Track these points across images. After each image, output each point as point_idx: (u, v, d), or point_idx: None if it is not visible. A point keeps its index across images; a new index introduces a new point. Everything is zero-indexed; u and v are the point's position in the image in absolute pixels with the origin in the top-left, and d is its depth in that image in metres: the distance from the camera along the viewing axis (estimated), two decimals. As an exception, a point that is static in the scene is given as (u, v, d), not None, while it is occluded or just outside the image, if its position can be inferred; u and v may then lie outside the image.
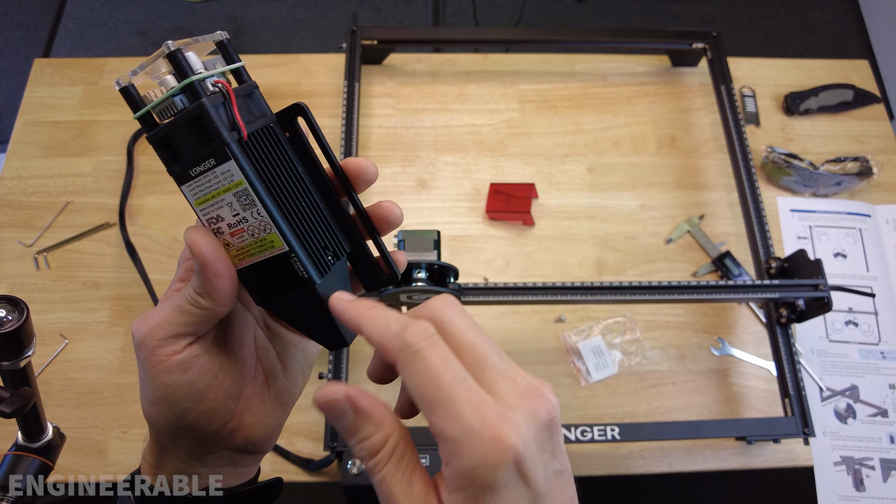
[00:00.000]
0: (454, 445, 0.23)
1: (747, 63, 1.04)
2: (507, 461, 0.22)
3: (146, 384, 0.30)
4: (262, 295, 0.31)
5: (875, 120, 1.00)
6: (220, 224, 0.30)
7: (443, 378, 0.23)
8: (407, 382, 0.24)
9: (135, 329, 0.30)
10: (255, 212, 0.29)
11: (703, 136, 0.98)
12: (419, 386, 0.24)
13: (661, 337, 0.83)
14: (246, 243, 0.30)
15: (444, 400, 0.23)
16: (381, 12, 2.03)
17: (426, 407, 0.24)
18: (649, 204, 0.92)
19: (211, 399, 0.31)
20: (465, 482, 0.23)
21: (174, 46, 0.27)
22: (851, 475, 0.78)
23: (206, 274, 0.28)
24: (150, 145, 0.29)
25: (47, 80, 0.97)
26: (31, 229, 0.86)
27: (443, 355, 0.24)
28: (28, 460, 0.51)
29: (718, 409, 0.80)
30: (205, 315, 0.29)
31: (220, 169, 0.28)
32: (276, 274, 0.30)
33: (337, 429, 0.27)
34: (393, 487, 0.25)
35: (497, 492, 0.23)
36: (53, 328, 0.80)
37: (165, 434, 0.32)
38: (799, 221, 0.93)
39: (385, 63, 1.00)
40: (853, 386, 0.82)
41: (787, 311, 0.79)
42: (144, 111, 0.29)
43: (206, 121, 0.28)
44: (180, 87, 0.28)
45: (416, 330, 0.24)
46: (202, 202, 0.29)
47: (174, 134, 0.29)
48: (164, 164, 0.29)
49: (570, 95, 1.00)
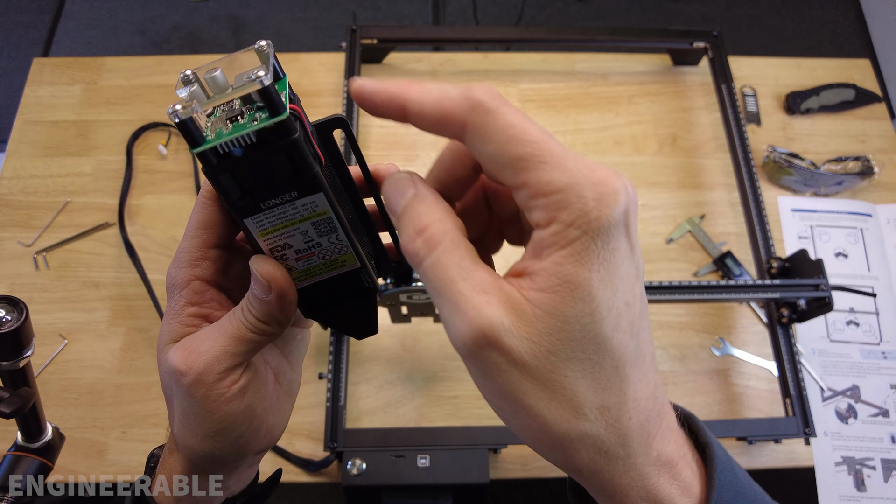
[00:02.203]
0: (563, 195, 0.20)
1: (748, 62, 1.03)
2: (621, 203, 0.20)
3: (200, 420, 0.28)
4: (316, 308, 0.31)
5: (876, 119, 1.00)
6: (287, 251, 0.28)
7: (531, 132, 0.21)
8: (485, 148, 0.21)
9: (185, 366, 0.27)
10: (335, 237, 0.28)
11: (704, 135, 0.98)
12: (503, 145, 0.21)
13: (661, 337, 0.83)
14: (313, 266, 0.29)
15: (542, 152, 0.21)
16: (381, 11, 2.03)
17: (513, 169, 0.21)
18: (650, 203, 0.92)
19: (259, 414, 0.31)
20: (577, 232, 0.20)
21: (268, 80, 0.23)
22: (852, 475, 0.78)
23: (281, 304, 0.28)
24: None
25: (46, 80, 0.97)
26: (30, 229, 0.86)
27: (519, 112, 0.21)
28: (28, 460, 0.51)
29: (719, 410, 0.80)
30: (267, 340, 0.29)
31: (301, 201, 0.26)
32: (339, 288, 0.30)
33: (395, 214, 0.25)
34: (450, 269, 0.22)
35: (609, 239, 0.20)
36: (53, 328, 0.80)
37: (211, 461, 0.31)
38: (800, 221, 0.93)
39: (385, 62, 1.00)
40: (854, 386, 0.82)
41: (788, 311, 0.79)
42: (209, 146, 0.24)
43: (297, 156, 0.25)
44: (273, 121, 0.24)
45: (484, 89, 0.21)
46: (269, 232, 0.27)
47: (248, 169, 0.25)
48: (221, 197, 0.26)
49: (571, 94, 1.00)
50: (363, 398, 0.78)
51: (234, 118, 0.25)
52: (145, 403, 0.77)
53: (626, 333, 0.22)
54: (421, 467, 0.68)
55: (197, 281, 0.30)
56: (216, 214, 0.29)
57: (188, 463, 0.31)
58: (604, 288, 0.21)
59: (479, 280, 0.22)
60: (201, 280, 0.30)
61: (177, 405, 0.29)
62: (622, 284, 0.21)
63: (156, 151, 0.92)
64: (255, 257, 0.28)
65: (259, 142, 0.25)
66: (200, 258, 0.29)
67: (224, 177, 0.25)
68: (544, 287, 0.21)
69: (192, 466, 0.31)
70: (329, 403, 0.71)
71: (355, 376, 0.78)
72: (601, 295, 0.21)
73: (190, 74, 0.25)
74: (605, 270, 0.21)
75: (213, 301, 0.30)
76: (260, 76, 0.23)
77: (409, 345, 0.81)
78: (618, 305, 0.21)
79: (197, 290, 0.30)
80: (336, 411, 0.71)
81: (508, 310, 0.21)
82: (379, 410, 0.77)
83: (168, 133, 0.93)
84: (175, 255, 0.30)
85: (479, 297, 0.21)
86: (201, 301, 0.30)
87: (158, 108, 0.95)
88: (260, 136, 0.24)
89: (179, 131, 0.24)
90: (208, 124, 0.25)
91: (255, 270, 0.27)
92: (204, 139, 0.24)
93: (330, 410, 0.71)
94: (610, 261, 0.21)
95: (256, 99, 0.24)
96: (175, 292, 0.30)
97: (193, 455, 0.30)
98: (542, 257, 0.21)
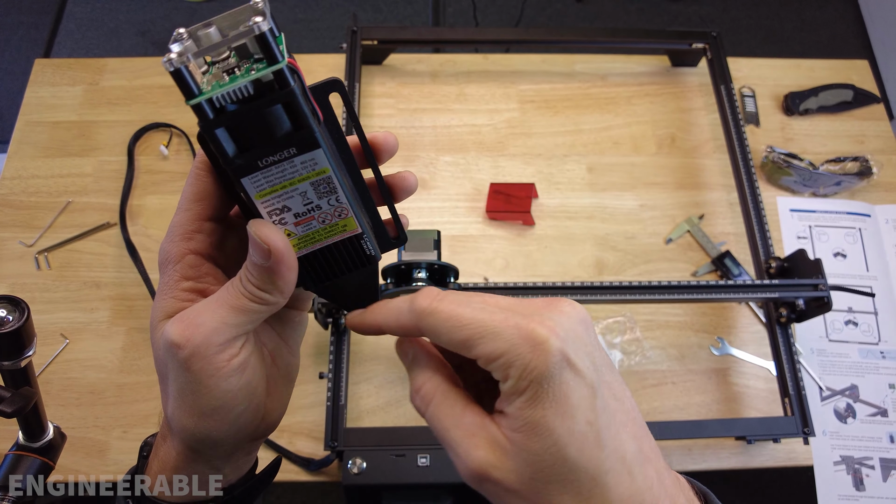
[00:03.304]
0: (506, 358, 0.24)
1: (747, 63, 1.04)
2: (553, 348, 0.24)
3: (197, 397, 0.27)
4: (318, 278, 0.30)
5: (875, 120, 1.00)
6: (285, 215, 0.27)
7: (463, 316, 0.26)
8: (438, 341, 0.26)
9: (182, 339, 0.27)
10: (334, 199, 0.27)
11: (703, 135, 0.98)
12: (448, 335, 0.26)
13: (660, 336, 0.83)
14: (312, 231, 0.28)
15: (477, 331, 0.25)
16: (382, 12, 2.03)
17: (464, 348, 0.26)
18: (649, 204, 0.92)
19: (259, 394, 0.30)
20: (525, 382, 0.24)
21: (266, 26, 0.23)
22: (851, 475, 0.78)
23: (280, 269, 0.27)
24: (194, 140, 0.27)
25: (48, 81, 0.97)
26: (31, 229, 0.86)
27: (455, 301, 0.26)
28: (29, 460, 0.51)
29: (718, 409, 0.80)
30: (267, 311, 0.28)
31: (300, 158, 0.26)
32: (340, 256, 0.30)
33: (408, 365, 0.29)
34: (443, 420, 0.26)
35: (552, 379, 0.24)
36: (54, 328, 0.80)
37: (207, 443, 0.30)
38: (799, 221, 0.93)
39: (385, 63, 1.00)
40: (853, 385, 0.83)
41: (786, 311, 0.79)
42: (206, 97, 0.24)
43: (295, 108, 0.25)
44: (270, 70, 0.24)
45: (422, 296, 0.27)
46: (267, 193, 0.27)
47: (245, 124, 0.25)
48: (216, 155, 0.26)
49: (570, 95, 1.00)
50: (364, 397, 0.78)
51: (231, 71, 0.24)
52: (146, 403, 0.77)
53: (593, 449, 0.24)
54: (421, 466, 0.68)
55: (192, 255, 0.29)
56: (210, 186, 0.29)
57: (183, 447, 0.30)
58: (560, 420, 0.24)
59: (469, 424, 0.26)
60: (196, 254, 0.29)
61: (172, 381, 0.28)
62: (578, 410, 0.24)
63: (157, 152, 0.92)
64: (252, 221, 0.27)
65: (256, 94, 0.24)
66: (195, 231, 0.29)
67: (220, 132, 0.25)
68: (514, 428, 0.25)
69: (186, 450, 0.30)
70: (329, 403, 0.71)
71: (356, 376, 0.79)
72: (559, 426, 0.24)
73: (183, 32, 0.24)
74: (557, 405, 0.24)
75: (209, 276, 0.29)
76: (258, 21, 0.23)
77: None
78: (578, 429, 0.24)
79: (192, 265, 0.29)
80: (336, 410, 0.71)
81: (493, 449, 0.25)
82: (379, 410, 0.77)
83: (169, 133, 0.94)
84: (168, 230, 0.29)
85: (468, 441, 0.26)
86: (196, 276, 0.29)
87: (160, 108, 0.95)
88: (257, 88, 0.24)
89: (175, 81, 0.24)
90: (204, 80, 0.25)
91: (254, 233, 0.26)
92: (200, 91, 0.24)
93: (330, 410, 0.71)
94: (560, 395, 0.24)
95: (253, 51, 0.24)
96: (169, 267, 0.29)
97: (189, 437, 0.29)
98: (509, 402, 0.25)
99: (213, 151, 0.26)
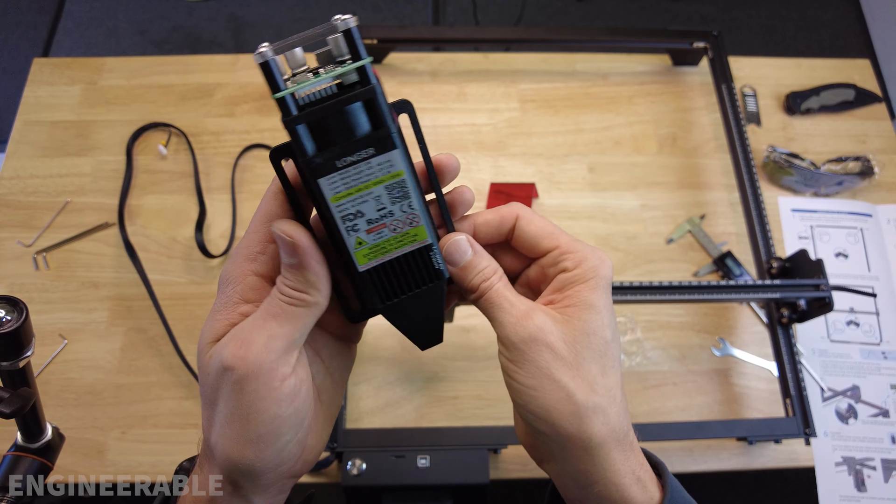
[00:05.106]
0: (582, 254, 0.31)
1: (748, 62, 1.03)
2: (609, 267, 0.32)
3: (246, 422, 0.27)
4: (387, 293, 0.30)
5: (876, 119, 1.00)
6: (358, 221, 0.27)
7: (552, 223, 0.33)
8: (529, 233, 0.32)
9: (236, 359, 0.26)
10: (407, 205, 0.28)
11: (704, 135, 0.98)
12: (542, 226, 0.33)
13: (661, 337, 0.83)
14: (383, 240, 0.28)
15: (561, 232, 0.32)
16: (381, 11, 2.03)
17: (551, 236, 0.32)
18: (650, 204, 0.92)
19: (306, 426, 0.30)
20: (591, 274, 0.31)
21: (353, 22, 0.25)
22: (853, 475, 0.78)
23: (309, 262, 0.27)
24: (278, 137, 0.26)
25: (46, 80, 0.97)
26: (30, 229, 0.86)
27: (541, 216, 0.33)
28: (27, 461, 0.51)
29: (719, 410, 0.80)
30: (310, 313, 0.28)
31: (377, 159, 0.26)
32: (409, 269, 0.29)
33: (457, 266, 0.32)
34: (507, 294, 0.31)
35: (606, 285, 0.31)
36: (52, 328, 0.80)
37: (248, 475, 0.29)
38: (800, 221, 0.92)
39: (385, 62, 1.00)
40: (854, 386, 0.82)
41: (788, 312, 0.79)
42: (290, 91, 0.25)
43: (376, 107, 0.26)
44: (354, 67, 0.25)
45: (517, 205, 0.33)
46: (342, 196, 0.27)
47: (326, 120, 0.25)
48: (295, 153, 0.26)
49: (571, 95, 1.00)
50: (363, 398, 0.78)
51: (315, 72, 0.25)
52: (145, 404, 0.77)
53: (616, 340, 0.32)
54: (421, 467, 0.68)
55: (253, 276, 0.28)
56: (282, 207, 0.29)
57: (223, 478, 0.30)
58: (605, 310, 0.31)
59: (525, 301, 0.31)
60: (258, 276, 0.29)
61: (223, 406, 0.28)
62: (611, 312, 0.32)
63: (156, 151, 0.92)
64: (276, 220, 0.27)
65: (339, 91, 0.26)
66: (259, 252, 0.29)
67: (301, 128, 0.25)
68: (570, 304, 0.31)
69: (225, 483, 0.30)
70: (329, 404, 0.71)
71: (355, 376, 0.78)
72: (605, 313, 0.31)
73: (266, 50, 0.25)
74: (605, 301, 0.31)
75: None
76: (346, 19, 0.24)
77: (409, 345, 0.80)
78: (612, 322, 0.31)
79: (253, 286, 0.29)
80: (336, 411, 0.71)
81: (549, 318, 0.31)
82: (379, 411, 0.77)
83: (168, 133, 0.93)
84: (233, 251, 0.29)
85: (529, 310, 0.31)
86: (256, 298, 0.29)
87: (158, 108, 0.95)
88: (340, 86, 0.26)
89: (262, 74, 0.25)
90: (288, 83, 0.26)
91: (276, 229, 0.27)
92: (285, 86, 0.25)
93: (330, 411, 0.71)
94: (606, 296, 0.31)
95: (336, 54, 0.26)
96: (228, 287, 0.29)
97: (230, 466, 0.28)
98: (565, 289, 0.31)
99: (294, 151, 0.26)
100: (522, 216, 0.32)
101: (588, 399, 0.29)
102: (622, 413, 0.31)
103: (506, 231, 0.33)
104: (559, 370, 0.29)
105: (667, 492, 0.32)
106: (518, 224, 0.32)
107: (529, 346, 0.29)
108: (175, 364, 0.78)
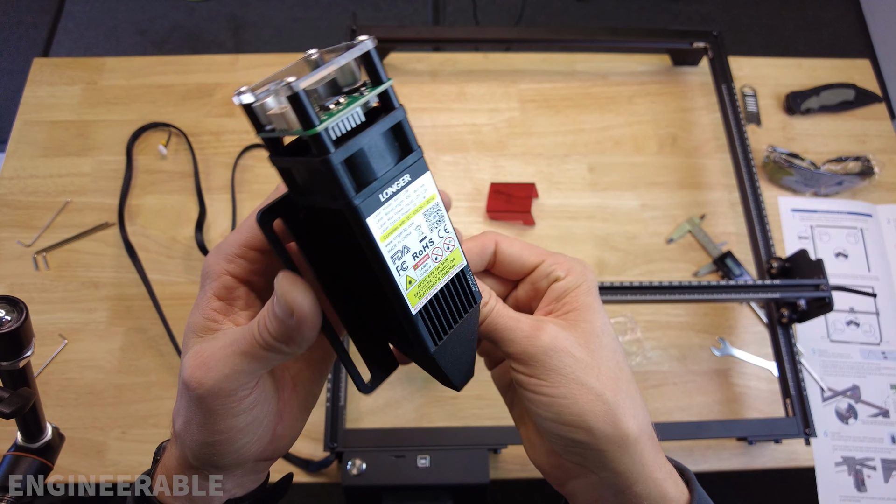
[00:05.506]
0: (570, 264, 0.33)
1: (748, 62, 1.03)
2: (593, 274, 0.33)
3: (201, 429, 0.28)
4: (437, 333, 0.27)
5: (876, 119, 1.00)
6: (405, 257, 0.25)
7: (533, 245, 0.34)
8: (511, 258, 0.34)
9: (195, 381, 0.27)
10: (443, 228, 0.26)
11: (704, 135, 0.98)
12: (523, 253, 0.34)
13: (662, 337, 0.83)
14: (429, 272, 0.26)
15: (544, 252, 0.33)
16: (381, 11, 2.03)
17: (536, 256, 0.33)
18: (650, 203, 0.92)
19: (266, 426, 0.30)
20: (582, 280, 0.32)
21: (372, 44, 0.23)
22: (853, 475, 0.78)
23: (302, 329, 0.26)
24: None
25: (46, 80, 0.97)
26: (30, 229, 0.86)
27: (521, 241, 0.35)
28: (27, 461, 0.51)
29: (719, 410, 0.79)
30: (282, 359, 0.27)
31: (413, 186, 0.24)
32: (452, 299, 0.28)
33: None
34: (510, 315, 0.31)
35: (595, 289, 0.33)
36: (52, 328, 0.80)
37: (209, 464, 0.30)
38: (800, 221, 0.92)
39: (385, 62, 1.00)
40: (854, 386, 0.82)
41: (788, 311, 0.79)
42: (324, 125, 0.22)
43: (404, 131, 0.24)
44: (378, 91, 0.23)
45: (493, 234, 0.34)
46: (389, 234, 0.24)
47: (364, 152, 0.23)
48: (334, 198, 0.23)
49: (571, 95, 1.00)
50: (363, 398, 0.78)
51: (326, 108, 0.23)
52: (145, 404, 0.77)
53: (616, 339, 0.33)
54: (421, 467, 0.68)
55: (228, 276, 0.29)
56: None
57: (185, 460, 0.31)
58: (602, 311, 0.33)
59: (528, 317, 0.32)
60: (233, 276, 0.29)
61: (184, 409, 0.29)
62: (606, 314, 0.33)
63: (156, 151, 0.92)
64: (282, 276, 0.26)
65: (368, 119, 0.24)
66: (238, 255, 0.29)
67: (341, 167, 0.22)
68: (570, 310, 0.32)
69: (188, 464, 0.31)
70: (329, 403, 0.71)
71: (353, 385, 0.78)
72: (603, 314, 0.33)
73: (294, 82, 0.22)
74: (599, 303, 0.33)
75: (240, 299, 0.30)
76: (364, 40, 0.23)
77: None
78: (610, 322, 0.33)
79: (227, 286, 0.29)
80: (336, 411, 0.71)
81: (557, 325, 0.31)
82: (379, 411, 0.77)
83: (168, 133, 0.93)
84: (219, 244, 0.30)
85: (535, 320, 0.31)
86: (229, 297, 0.29)
87: (158, 108, 0.95)
88: (368, 113, 0.24)
89: (292, 108, 0.21)
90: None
91: (280, 293, 0.25)
92: (319, 119, 0.22)
93: (330, 410, 0.71)
94: (599, 299, 0.33)
95: (343, 84, 0.24)
96: (206, 282, 0.29)
97: (191, 455, 0.30)
98: (562, 297, 0.32)
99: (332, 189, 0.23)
100: (502, 240, 0.33)
101: (616, 396, 0.30)
102: (644, 406, 0.32)
103: (487, 257, 0.33)
104: (583, 373, 0.30)
105: (694, 491, 0.33)
106: (500, 248, 0.33)
107: (550, 356, 0.30)
108: (175, 364, 0.78)
